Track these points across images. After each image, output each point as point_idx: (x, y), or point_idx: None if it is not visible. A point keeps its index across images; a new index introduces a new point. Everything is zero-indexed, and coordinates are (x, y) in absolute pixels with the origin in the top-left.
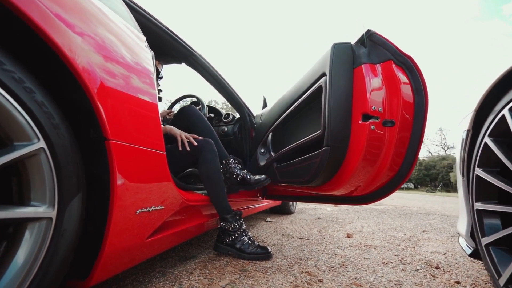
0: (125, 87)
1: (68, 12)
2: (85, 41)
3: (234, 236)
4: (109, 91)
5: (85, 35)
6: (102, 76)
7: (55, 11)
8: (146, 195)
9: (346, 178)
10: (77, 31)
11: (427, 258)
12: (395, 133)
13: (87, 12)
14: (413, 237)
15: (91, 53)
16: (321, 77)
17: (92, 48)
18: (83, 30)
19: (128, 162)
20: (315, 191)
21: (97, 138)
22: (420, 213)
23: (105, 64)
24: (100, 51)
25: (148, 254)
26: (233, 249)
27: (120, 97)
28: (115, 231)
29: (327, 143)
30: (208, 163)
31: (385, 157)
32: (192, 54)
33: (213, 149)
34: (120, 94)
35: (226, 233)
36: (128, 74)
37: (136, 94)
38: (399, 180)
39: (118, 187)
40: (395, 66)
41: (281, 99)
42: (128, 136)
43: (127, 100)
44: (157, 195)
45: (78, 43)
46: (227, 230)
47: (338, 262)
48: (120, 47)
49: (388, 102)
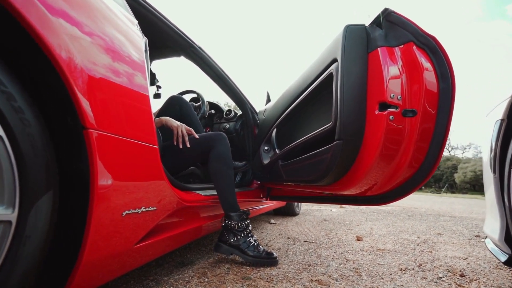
0: (110, 70)
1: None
2: (56, 10)
3: (240, 236)
4: (89, 72)
5: (58, 4)
6: (80, 54)
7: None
8: (134, 195)
9: (360, 176)
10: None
11: (448, 264)
12: (417, 125)
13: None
14: (427, 240)
15: (66, 27)
16: (331, 63)
17: (67, 21)
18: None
19: (113, 155)
20: (325, 191)
21: (75, 127)
22: (429, 215)
23: (85, 41)
24: (79, 26)
25: (138, 261)
26: (237, 251)
27: (103, 81)
28: (95, 237)
29: (339, 136)
30: (224, 159)
31: (404, 152)
32: (192, 46)
33: (227, 143)
34: (103, 77)
35: (230, 232)
36: (114, 56)
37: (123, 79)
38: (419, 179)
39: (99, 184)
40: (416, 49)
41: (286, 91)
42: (112, 126)
43: (111, 84)
44: (148, 195)
45: (47, 13)
46: (232, 229)
47: (351, 269)
48: (104, 24)
49: (409, 89)
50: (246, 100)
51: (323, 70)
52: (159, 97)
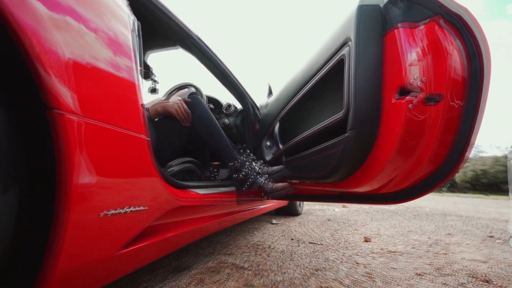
0: (85, 42)
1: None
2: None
3: (257, 168)
4: (54, 39)
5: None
6: (43, 22)
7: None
8: (118, 192)
9: (375, 171)
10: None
11: (468, 268)
12: (440, 114)
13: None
14: (439, 241)
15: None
16: (342, 46)
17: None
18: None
19: (87, 144)
20: (333, 188)
21: (37, 108)
22: (435, 214)
23: (53, 8)
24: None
25: (123, 269)
26: (262, 177)
27: (74, 53)
28: (64, 242)
29: (352, 127)
30: (205, 118)
31: (426, 144)
32: (189, 36)
33: (202, 102)
34: (75, 49)
35: (249, 171)
36: (92, 27)
37: (103, 56)
38: (441, 176)
39: (69, 178)
40: (442, 25)
41: (290, 82)
42: (86, 109)
43: (86, 59)
44: (136, 193)
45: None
46: (248, 168)
47: (363, 274)
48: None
49: (432, 72)
50: (247, 94)
51: (333, 55)
52: (156, 92)
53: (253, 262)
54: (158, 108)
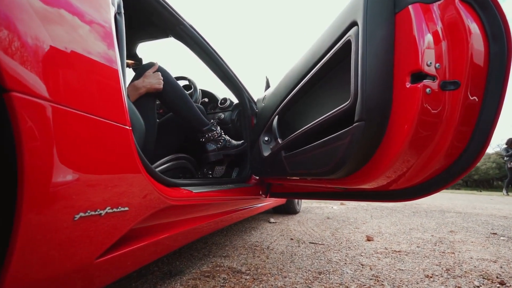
0: (54, 18)
1: None
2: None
3: (222, 140)
4: (14, 15)
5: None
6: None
7: None
8: (94, 191)
9: (385, 166)
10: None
11: (479, 268)
12: (459, 101)
13: None
14: (443, 239)
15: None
16: (349, 29)
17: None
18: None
19: (57, 134)
20: (337, 185)
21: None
22: (434, 211)
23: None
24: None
25: (105, 279)
26: (225, 150)
27: (35, 29)
28: (26, 251)
29: (360, 117)
30: (175, 85)
31: (442, 136)
32: (181, 23)
33: (169, 72)
34: (37, 25)
35: (213, 142)
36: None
37: (72, 33)
38: (457, 171)
39: (31, 175)
40: (459, 3)
41: (290, 72)
42: (55, 92)
43: (51, 37)
44: (116, 191)
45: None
46: (213, 138)
47: (369, 277)
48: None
49: (449, 55)
50: (243, 87)
51: (338, 37)
52: None
53: (251, 265)
54: (136, 87)
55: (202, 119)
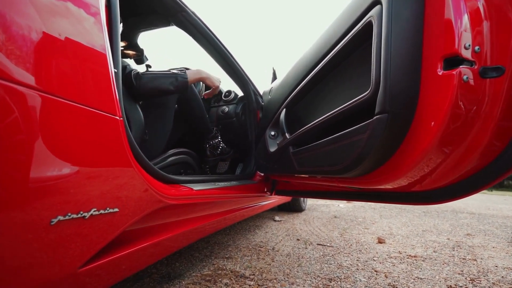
0: None
1: None
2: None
3: (220, 148)
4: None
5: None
6: None
7: None
8: (77, 190)
9: (409, 165)
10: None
11: (507, 279)
12: (503, 91)
13: None
14: (461, 243)
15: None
16: (370, 8)
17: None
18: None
19: (29, 122)
20: (351, 185)
21: None
22: (445, 211)
23: None
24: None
25: (101, 284)
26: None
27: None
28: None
29: (383, 108)
30: (197, 94)
31: (480, 131)
32: (183, 9)
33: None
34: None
35: (214, 148)
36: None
37: (56, 11)
38: (495, 173)
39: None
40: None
41: (300, 60)
42: (29, 76)
43: (36, 16)
44: (104, 190)
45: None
46: (215, 145)
47: (385, 286)
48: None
49: (491, 37)
50: (249, 79)
51: (358, 19)
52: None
53: (255, 269)
54: (202, 74)
55: (209, 126)
